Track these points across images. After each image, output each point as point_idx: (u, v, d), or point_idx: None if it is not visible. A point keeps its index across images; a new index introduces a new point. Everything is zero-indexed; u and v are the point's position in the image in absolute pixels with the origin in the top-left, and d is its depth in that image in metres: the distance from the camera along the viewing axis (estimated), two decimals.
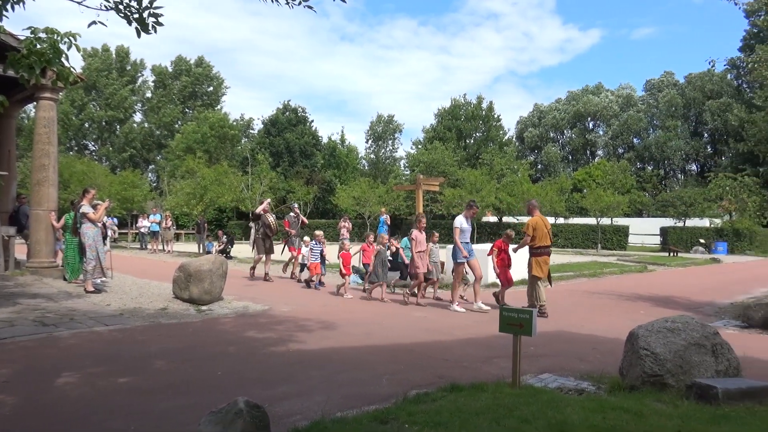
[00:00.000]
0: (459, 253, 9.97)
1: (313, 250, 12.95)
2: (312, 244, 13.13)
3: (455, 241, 9.97)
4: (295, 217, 15.11)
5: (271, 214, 14.44)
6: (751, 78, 48.57)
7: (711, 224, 38.36)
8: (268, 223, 14.06)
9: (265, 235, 14.07)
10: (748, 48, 48.30)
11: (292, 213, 15.29)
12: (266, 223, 14.03)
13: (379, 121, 60.09)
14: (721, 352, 4.90)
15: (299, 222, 15.21)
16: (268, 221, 14.08)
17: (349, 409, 4.41)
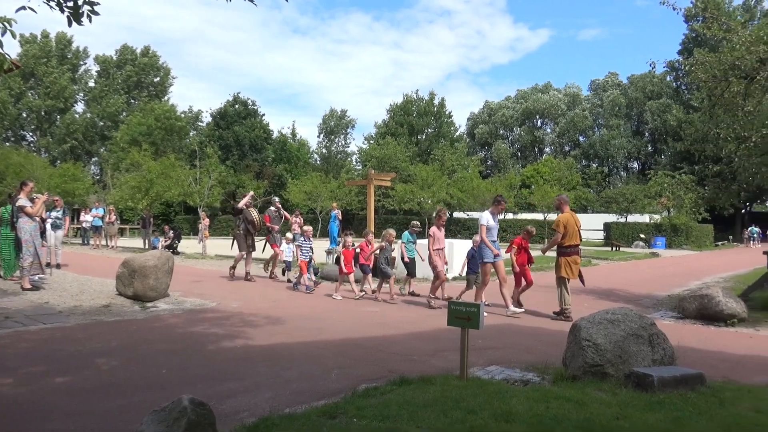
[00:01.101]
0: (488, 252, 9.15)
1: (303, 247, 11.91)
2: (301, 240, 12.19)
3: (482, 239, 9.18)
4: (276, 211, 14.14)
5: (254, 209, 13.55)
6: (688, 80, 50.76)
7: (651, 220, 39.95)
8: (251, 219, 13.13)
9: (247, 231, 13.17)
10: (686, 51, 50.46)
11: (273, 207, 14.22)
12: (249, 219, 13.10)
13: (331, 115, 59.87)
14: (658, 341, 5.11)
15: (281, 217, 14.32)
16: (252, 217, 13.15)
17: (298, 405, 4.38)
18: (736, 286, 12.69)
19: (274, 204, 14.32)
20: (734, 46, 9.57)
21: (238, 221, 13.27)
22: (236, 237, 13.44)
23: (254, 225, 13.21)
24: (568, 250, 9.00)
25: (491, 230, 9.27)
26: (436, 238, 10.19)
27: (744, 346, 7.27)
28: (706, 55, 10.48)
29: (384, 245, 11.00)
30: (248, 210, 13.20)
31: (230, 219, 43.48)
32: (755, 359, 6.55)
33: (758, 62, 9.02)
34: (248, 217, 13.07)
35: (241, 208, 13.24)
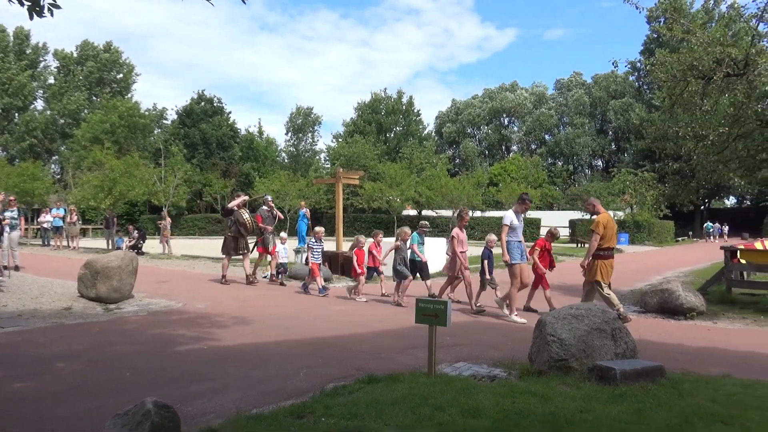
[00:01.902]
0: (513, 253, 8.69)
1: (314, 249, 11.44)
2: (311, 242, 11.64)
3: (503, 240, 8.68)
4: (268, 211, 13.32)
5: (245, 210, 12.89)
6: (649, 80, 52.07)
7: (614, 217, 40.78)
8: (243, 221, 12.50)
9: (238, 233, 12.54)
10: (648, 51, 51.68)
11: (265, 207, 13.37)
12: (241, 221, 12.48)
13: (298, 113, 59.48)
14: (620, 335, 5.24)
15: (274, 218, 13.53)
16: (243, 218, 12.52)
17: (266, 405, 4.35)
18: (695, 280, 13.07)
19: (267, 203, 13.57)
20: (693, 47, 9.85)
21: (229, 223, 12.69)
22: (225, 239, 12.83)
23: (246, 227, 12.61)
24: (605, 253, 8.46)
25: (515, 230, 8.78)
26: (460, 240, 9.59)
27: (702, 338, 7.50)
28: (667, 55, 10.75)
29: (399, 245, 10.40)
30: (239, 211, 12.60)
31: (197, 219, 42.90)
32: (712, 351, 6.77)
33: (715, 63, 9.29)
34: (239, 219, 12.50)
35: (232, 209, 12.65)
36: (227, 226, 12.77)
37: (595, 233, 8.41)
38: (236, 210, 12.57)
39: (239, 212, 12.58)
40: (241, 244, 12.73)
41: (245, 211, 12.78)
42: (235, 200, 12.86)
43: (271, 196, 14.29)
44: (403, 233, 10.46)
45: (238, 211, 12.58)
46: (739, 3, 21.43)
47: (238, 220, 12.47)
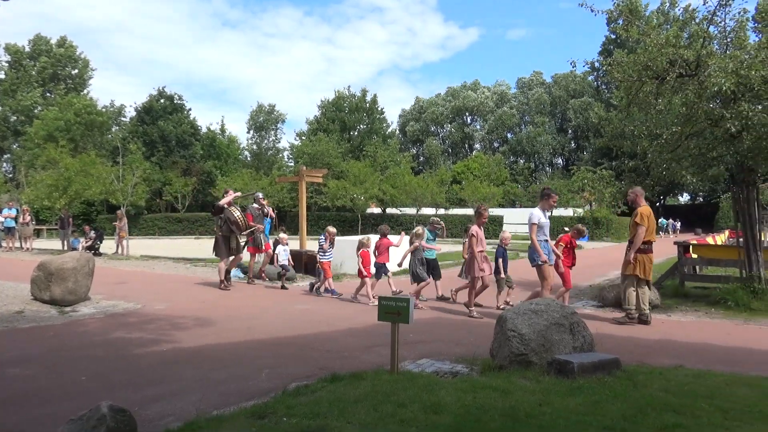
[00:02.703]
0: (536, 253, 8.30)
1: (326, 249, 11.10)
2: (322, 240, 11.16)
3: (532, 240, 8.28)
4: (259, 209, 12.65)
5: (236, 208, 12.19)
6: (607, 79, 53.34)
7: (574, 214, 41.69)
8: (234, 219, 11.78)
9: (230, 232, 11.83)
10: (606, 52, 52.96)
11: (255, 204, 12.71)
12: (232, 219, 11.76)
13: (260, 110, 58.77)
14: (578, 330, 5.35)
15: (266, 215, 12.82)
16: (234, 216, 11.81)
17: (227, 407, 4.30)
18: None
19: (257, 200, 12.82)
20: (647, 48, 10.12)
21: (219, 222, 11.92)
22: (216, 241, 12.06)
23: (238, 225, 11.88)
24: (645, 247, 8.13)
25: (543, 228, 8.40)
26: (480, 239, 9.01)
27: (657, 331, 7.72)
28: (624, 56, 11.01)
29: (417, 245, 9.89)
30: (230, 209, 11.89)
31: (157, 218, 41.99)
32: (666, 343, 6.98)
33: (668, 64, 9.56)
34: (230, 217, 11.76)
35: (222, 207, 11.88)
36: (218, 225, 12.01)
37: (640, 226, 8.03)
38: (227, 208, 11.90)
39: (230, 210, 11.92)
40: (233, 244, 12.04)
41: (237, 209, 12.13)
42: (225, 197, 12.15)
43: (262, 194, 13.51)
44: (417, 234, 10.01)
45: (229, 209, 11.92)
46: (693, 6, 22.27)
47: (229, 219, 11.78)
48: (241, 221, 11.87)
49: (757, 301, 9.06)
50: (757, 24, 11.22)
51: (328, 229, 11.26)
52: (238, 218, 11.85)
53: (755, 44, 9.75)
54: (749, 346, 6.75)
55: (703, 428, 3.48)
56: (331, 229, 11.29)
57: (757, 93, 8.87)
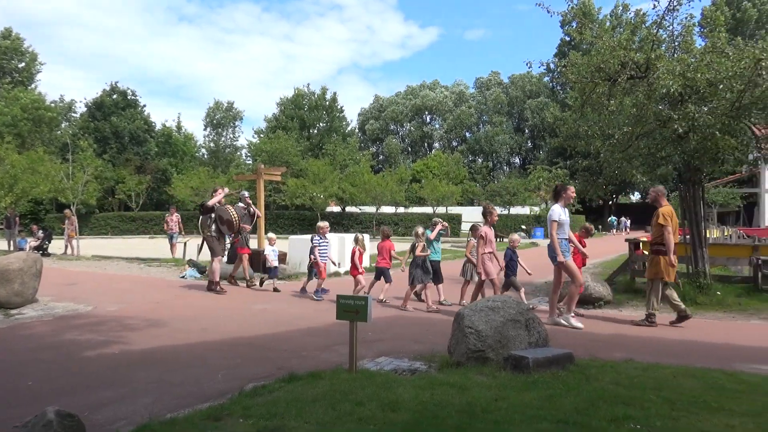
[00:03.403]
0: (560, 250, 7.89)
1: (321, 247, 10.46)
2: (317, 239, 10.51)
3: (552, 237, 7.86)
4: (245, 208, 11.85)
5: (230, 206, 11.52)
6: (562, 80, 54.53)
7: (531, 211, 42.55)
8: (227, 218, 11.07)
9: (220, 233, 11.16)
10: (561, 54, 54.19)
11: (241, 204, 11.95)
12: (225, 219, 11.06)
13: (217, 107, 57.80)
14: (533, 325, 5.45)
15: (252, 215, 12.13)
16: (229, 215, 11.13)
17: (181, 409, 4.21)
18: (603, 271, 13.83)
19: (243, 199, 12.06)
20: (600, 51, 10.38)
21: (209, 221, 11.17)
22: (207, 240, 11.26)
23: (231, 225, 11.21)
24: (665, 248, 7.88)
25: (563, 226, 7.96)
26: (489, 239, 8.74)
27: (609, 325, 7.94)
28: (578, 58, 11.27)
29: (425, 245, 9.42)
30: (223, 208, 11.25)
31: (109, 217, 40.81)
32: (617, 337, 7.18)
33: (620, 66, 9.83)
34: (224, 216, 11.09)
35: (212, 206, 11.17)
36: (205, 225, 11.21)
37: (666, 227, 7.77)
38: (218, 206, 11.17)
39: (224, 209, 11.22)
40: (222, 245, 11.38)
41: (231, 207, 11.44)
42: (215, 196, 11.42)
43: (248, 192, 12.80)
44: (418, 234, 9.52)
45: (223, 208, 11.23)
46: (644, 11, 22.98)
47: (221, 218, 11.07)
48: (235, 221, 11.26)
49: (702, 295, 9.42)
50: (703, 29, 11.65)
51: (320, 224, 10.65)
52: (233, 217, 11.21)
53: (701, 48, 10.13)
54: (695, 339, 7.01)
55: (652, 419, 3.60)
56: (321, 224, 10.69)
57: (702, 95, 9.22)
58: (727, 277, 10.74)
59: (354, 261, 9.86)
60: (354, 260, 9.85)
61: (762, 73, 8.83)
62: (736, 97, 8.87)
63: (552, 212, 7.98)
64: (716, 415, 3.69)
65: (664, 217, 7.85)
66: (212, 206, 11.19)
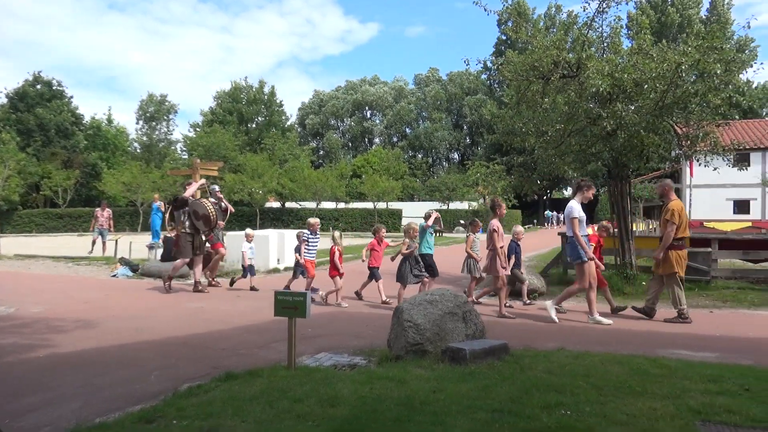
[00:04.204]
0: (583, 248, 7.67)
1: (310, 243, 9.90)
2: (306, 235, 9.99)
3: (576, 235, 7.63)
4: (216, 203, 11.11)
5: (207, 200, 10.67)
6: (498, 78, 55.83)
7: (469, 206, 43.35)
8: (204, 213, 10.22)
9: (194, 229, 10.32)
10: (498, 52, 55.41)
11: (212, 198, 11.27)
12: (201, 213, 10.21)
13: (150, 100, 55.78)
14: (470, 318, 5.57)
15: (225, 211, 11.47)
16: (205, 210, 10.28)
17: (111, 413, 4.05)
18: (538, 264, 14.26)
19: (214, 194, 11.36)
20: (534, 50, 10.68)
21: (182, 217, 10.33)
22: (178, 237, 10.45)
23: (209, 221, 10.37)
24: (680, 243, 7.87)
25: (582, 223, 7.83)
26: (501, 234, 8.48)
27: (542, 316, 8.20)
28: (514, 56, 11.56)
29: (408, 244, 8.95)
30: (198, 202, 10.41)
31: (34, 214, 38.70)
32: (550, 327, 7.44)
33: (553, 65, 10.15)
34: (199, 211, 10.25)
35: (186, 199, 10.32)
36: (179, 221, 10.37)
37: (670, 223, 7.74)
38: (193, 200, 10.36)
39: (199, 203, 10.39)
40: (197, 243, 10.52)
41: (207, 201, 10.61)
42: (189, 188, 10.62)
43: (218, 186, 12.06)
44: (412, 230, 9.05)
45: (197, 202, 10.39)
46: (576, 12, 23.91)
47: (197, 212, 10.25)
48: (213, 216, 10.43)
49: (629, 286, 9.88)
50: (629, 31, 12.19)
51: (309, 221, 10.14)
52: (210, 211, 10.40)
53: (627, 50, 10.60)
54: (622, 328, 7.35)
55: (581, 405, 3.75)
56: (312, 220, 10.15)
57: (629, 95, 9.64)
58: (649, 268, 11.28)
59: (333, 261, 9.29)
60: (333, 260, 9.29)
61: (683, 75, 9.35)
62: (659, 97, 9.33)
63: (572, 209, 7.76)
64: (640, 399, 3.89)
65: (672, 213, 7.76)
66: (185, 200, 10.38)
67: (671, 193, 8.11)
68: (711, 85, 9.37)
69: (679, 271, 7.80)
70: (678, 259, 7.79)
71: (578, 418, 3.51)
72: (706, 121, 10.06)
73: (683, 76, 9.35)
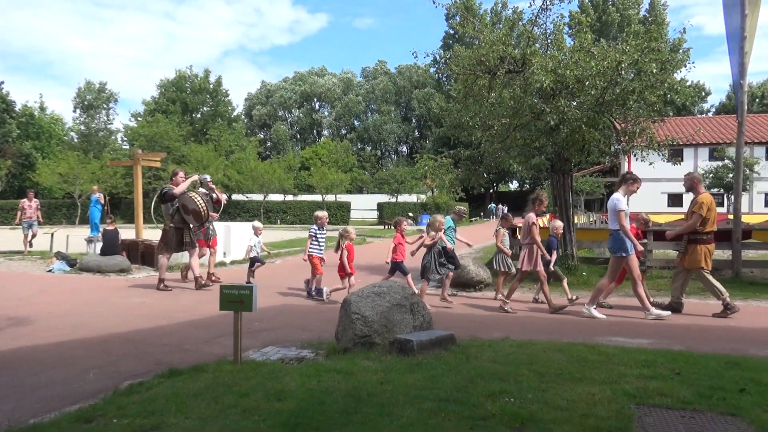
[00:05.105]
0: (629, 242, 7.43)
1: (317, 238, 9.42)
2: (313, 229, 9.48)
3: (623, 227, 7.39)
4: (206, 194, 10.65)
5: (196, 193, 10.17)
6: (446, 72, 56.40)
7: (418, 199, 43.72)
8: (194, 209, 9.83)
9: (183, 224, 9.89)
10: (447, 46, 55.92)
11: (203, 189, 10.76)
12: (191, 209, 9.81)
13: (89, 88, 53.57)
14: (418, 309, 5.62)
15: (217, 202, 10.98)
16: (196, 205, 9.85)
17: (47, 413, 3.89)
18: (484, 256, 14.53)
19: (206, 184, 10.83)
20: (481, 45, 10.84)
21: (171, 210, 9.88)
22: (165, 232, 10.03)
23: (199, 216, 9.98)
24: (707, 237, 7.71)
25: (627, 216, 7.58)
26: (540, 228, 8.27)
27: (488, 307, 8.38)
28: (462, 50, 11.69)
29: (433, 236, 8.69)
30: (187, 196, 9.93)
31: None
32: (496, 317, 7.61)
33: (499, 60, 10.33)
34: (189, 206, 9.83)
35: (174, 194, 9.81)
36: (167, 215, 9.98)
37: (697, 214, 7.60)
38: (184, 194, 9.91)
39: (188, 197, 9.94)
40: (187, 238, 10.06)
41: (197, 195, 10.13)
42: (181, 184, 10.05)
43: (210, 176, 11.44)
44: (438, 222, 8.68)
45: (187, 196, 9.93)
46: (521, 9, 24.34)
47: (186, 207, 9.83)
48: (203, 210, 10.02)
49: (570, 276, 10.19)
50: (571, 30, 12.54)
51: (317, 214, 9.64)
52: (200, 206, 9.96)
53: (570, 47, 10.90)
54: (563, 316, 7.60)
55: (524, 392, 3.85)
56: (319, 213, 9.65)
57: (571, 91, 9.93)
58: (591, 259, 11.68)
59: (343, 260, 8.83)
60: (343, 259, 8.84)
61: (622, 73, 9.70)
62: (599, 93, 9.65)
63: (618, 201, 7.51)
64: (579, 385, 4.03)
65: (701, 206, 7.63)
66: (174, 195, 9.88)
67: (700, 186, 7.96)
68: (648, 83, 9.75)
69: (705, 266, 7.71)
70: (707, 253, 7.70)
71: (521, 404, 3.60)
72: (643, 117, 10.47)
73: (622, 74, 9.70)
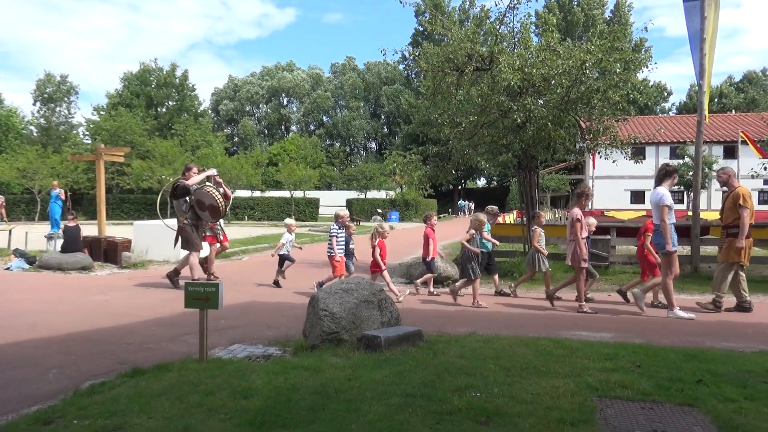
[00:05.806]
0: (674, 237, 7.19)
1: (338, 238, 9.05)
2: (335, 229, 9.13)
3: (663, 223, 7.10)
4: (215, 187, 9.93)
5: (213, 187, 9.56)
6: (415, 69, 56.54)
7: (387, 196, 43.80)
8: (212, 204, 9.24)
9: (198, 219, 9.37)
10: (416, 43, 56.02)
11: (210, 183, 10.05)
12: (208, 204, 9.24)
13: (48, 80, 51.98)
14: (386, 305, 5.63)
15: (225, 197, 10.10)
16: (213, 200, 9.24)
17: (4, 416, 3.77)
18: (452, 252, 14.64)
19: (213, 179, 10.12)
20: (450, 42, 10.91)
21: (184, 207, 9.39)
22: (181, 230, 9.46)
23: (217, 212, 9.37)
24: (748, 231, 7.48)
25: (672, 211, 7.26)
26: (585, 224, 7.93)
27: (455, 303, 8.45)
28: (430, 48, 11.74)
29: (474, 234, 8.44)
30: (204, 191, 9.33)
31: None
32: (463, 313, 7.68)
33: (467, 57, 10.41)
34: (205, 201, 9.26)
35: (188, 187, 9.31)
36: (180, 211, 9.50)
37: (744, 208, 7.37)
38: (199, 188, 9.38)
39: (205, 192, 9.34)
40: (200, 234, 9.62)
41: (213, 190, 9.45)
42: (194, 176, 9.58)
43: (216, 170, 10.95)
44: (478, 222, 8.51)
45: (203, 191, 9.35)
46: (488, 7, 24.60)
47: (202, 202, 9.28)
48: (221, 206, 9.39)
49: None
50: (537, 29, 12.71)
51: (338, 213, 9.38)
52: (218, 201, 9.32)
53: (536, 46, 11.04)
54: (529, 312, 7.71)
55: (490, 386, 3.90)
56: (341, 211, 9.45)
57: (538, 89, 10.07)
58: (557, 255, 11.87)
59: (376, 256, 8.70)
60: (376, 255, 8.70)
61: (587, 73, 9.88)
62: (565, 92, 9.82)
63: (663, 196, 7.20)
64: (544, 378, 4.10)
65: (744, 198, 7.45)
66: (188, 188, 9.39)
67: (734, 180, 7.83)
68: (612, 82, 9.96)
69: (742, 261, 7.54)
70: (748, 246, 7.53)
71: (487, 399, 3.65)
72: (606, 116, 10.68)
73: (587, 73, 9.88)
